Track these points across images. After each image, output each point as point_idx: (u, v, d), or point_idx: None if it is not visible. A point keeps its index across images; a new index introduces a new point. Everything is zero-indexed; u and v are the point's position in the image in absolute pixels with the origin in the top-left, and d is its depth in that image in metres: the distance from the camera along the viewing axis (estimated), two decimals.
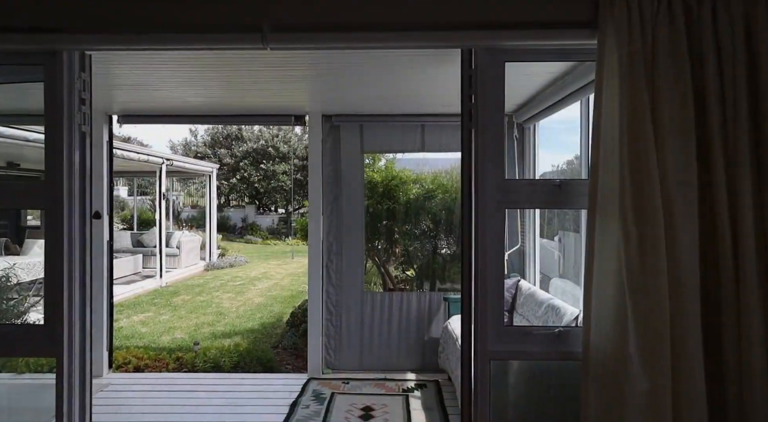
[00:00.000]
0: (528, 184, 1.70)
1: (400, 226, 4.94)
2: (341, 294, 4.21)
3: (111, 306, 4.21)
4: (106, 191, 4.13)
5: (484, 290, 1.76)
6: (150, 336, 5.63)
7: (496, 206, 1.77)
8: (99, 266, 4.10)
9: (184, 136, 24.94)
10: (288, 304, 7.30)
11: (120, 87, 3.30)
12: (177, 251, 10.77)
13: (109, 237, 4.18)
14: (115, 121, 4.19)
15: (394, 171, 4.78)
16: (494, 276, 1.76)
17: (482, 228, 1.76)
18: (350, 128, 4.21)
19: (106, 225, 4.15)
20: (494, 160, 1.77)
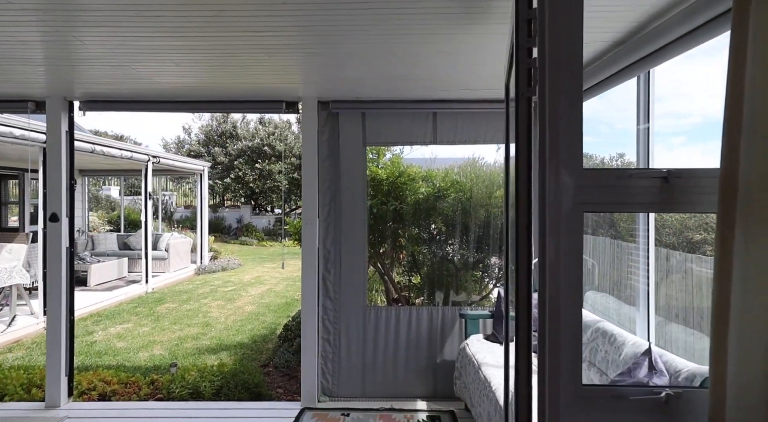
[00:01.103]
0: (617, 175, 1.02)
1: (407, 229, 4.36)
2: (340, 309, 3.63)
3: (71, 322, 3.61)
4: (65, 190, 3.53)
5: (555, 333, 1.18)
6: (126, 352, 5.03)
7: (572, 208, 1.19)
8: (56, 276, 3.51)
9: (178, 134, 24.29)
10: (282, 313, 6.72)
11: (82, 63, 2.70)
12: (165, 254, 10.16)
13: (68, 243, 3.58)
14: (77, 109, 3.60)
15: (402, 166, 4.19)
16: (570, 312, 1.18)
17: (550, 241, 1.18)
18: (350, 116, 3.63)
19: (65, 229, 3.55)
20: (569, 141, 1.19)
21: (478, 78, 2.99)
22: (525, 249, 1.29)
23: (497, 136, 3.65)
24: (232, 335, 5.63)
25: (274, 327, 5.98)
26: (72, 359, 3.63)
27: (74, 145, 3.63)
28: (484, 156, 4.44)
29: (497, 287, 4.28)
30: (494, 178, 4.09)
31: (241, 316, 6.58)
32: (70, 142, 3.58)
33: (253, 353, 4.99)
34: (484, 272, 4.36)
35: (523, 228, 1.30)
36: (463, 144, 3.69)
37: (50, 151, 3.50)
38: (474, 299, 4.48)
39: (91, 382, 3.92)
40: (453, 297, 4.15)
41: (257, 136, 19.83)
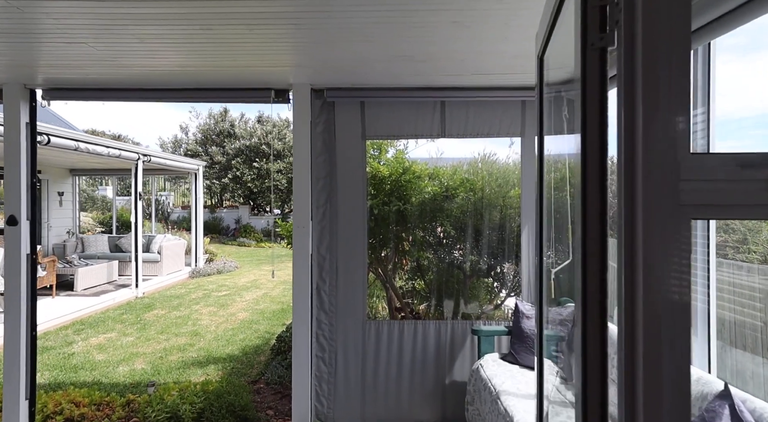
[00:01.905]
0: (741, 162, 0.51)
1: (411, 232, 3.94)
2: (337, 324, 3.22)
3: (32, 338, 3.20)
4: (25, 189, 3.12)
5: (653, 383, 0.77)
6: (104, 366, 4.62)
7: (673, 213, 0.77)
8: (15, 287, 3.10)
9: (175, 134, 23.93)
10: (277, 321, 6.31)
11: (30, 38, 2.30)
12: (158, 257, 9.77)
13: (29, 250, 3.17)
14: (40, 97, 3.19)
15: (406, 162, 3.78)
16: (674, 366, 0.76)
17: (644, 255, 0.77)
18: (348, 106, 3.22)
19: (26, 234, 3.14)
20: (671, 110, 0.77)
21: (496, 59, 2.57)
22: (596, 274, 0.88)
23: (513, 127, 3.24)
24: (221, 346, 5.22)
25: (267, 337, 5.56)
26: (34, 380, 3.22)
27: (36, 138, 3.22)
28: (496, 152, 4.03)
29: (511, 297, 3.86)
30: (508, 175, 3.67)
31: (233, 324, 6.16)
32: (31, 136, 3.17)
33: (244, 367, 4.58)
34: (496, 280, 3.94)
35: (595, 242, 0.88)
36: (474, 137, 3.28)
37: (8, 146, 3.09)
38: (486, 309, 4.07)
39: (58, 404, 3.51)
40: (463, 309, 3.72)
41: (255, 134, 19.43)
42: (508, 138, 3.89)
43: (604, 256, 0.87)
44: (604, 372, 0.85)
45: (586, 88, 0.88)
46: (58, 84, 3.11)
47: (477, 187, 3.67)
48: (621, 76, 0.80)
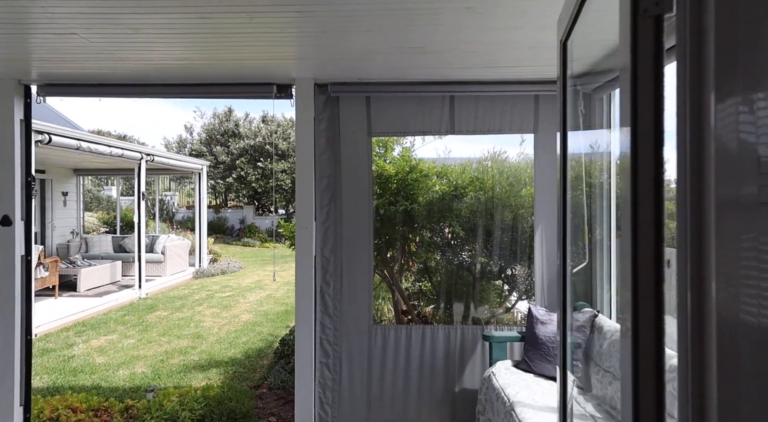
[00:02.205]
0: None
1: (418, 233, 3.81)
2: (341, 328, 3.09)
3: (27, 343, 3.09)
4: (19, 188, 3.02)
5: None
6: (104, 369, 4.53)
7: (752, 214, 0.63)
8: (8, 290, 3.00)
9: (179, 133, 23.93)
10: (280, 323, 6.19)
11: (18, 29, 2.19)
12: (161, 257, 9.69)
13: (24, 251, 3.06)
14: (34, 93, 3.09)
15: (413, 160, 3.64)
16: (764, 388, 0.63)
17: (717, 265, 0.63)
18: (353, 101, 3.09)
19: (20, 235, 3.04)
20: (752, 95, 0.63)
21: (508, 50, 2.43)
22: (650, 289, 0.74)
23: (525, 123, 3.10)
24: (224, 349, 5.11)
25: (270, 339, 5.45)
26: (29, 386, 3.12)
27: (31, 135, 3.11)
28: (506, 150, 3.88)
29: (523, 301, 3.71)
30: (520, 174, 3.53)
31: (236, 326, 6.06)
32: (26, 133, 3.07)
33: (246, 371, 4.47)
34: (507, 283, 3.80)
35: (647, 250, 0.74)
36: (484, 133, 3.14)
37: (1, 143, 2.99)
38: (496, 313, 3.92)
39: (55, 410, 3.41)
40: (473, 313, 3.58)
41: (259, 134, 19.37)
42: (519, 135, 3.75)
43: (659, 268, 0.73)
44: (661, 407, 0.71)
45: (637, 66, 0.74)
46: (53, 79, 3.00)
47: (487, 186, 3.53)
48: (684, 50, 0.66)
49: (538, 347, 2.61)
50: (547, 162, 3.07)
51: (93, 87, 3.05)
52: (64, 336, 5.65)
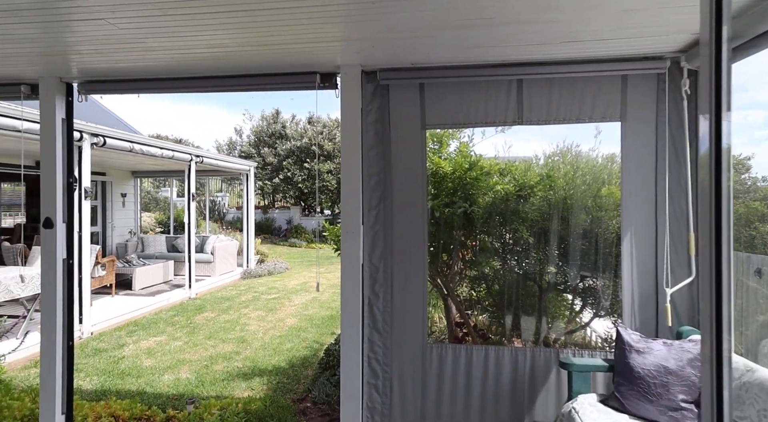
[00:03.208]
0: None
1: (477, 237, 3.39)
2: (392, 346, 2.74)
3: (69, 349, 2.99)
4: (60, 190, 2.92)
5: None
6: (151, 372, 4.46)
7: None
8: (50, 294, 2.91)
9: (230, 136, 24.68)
10: (326, 328, 5.96)
11: (63, 23, 2.04)
12: (211, 257, 9.82)
13: (66, 254, 2.96)
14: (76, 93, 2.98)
15: (472, 156, 3.23)
16: None
17: None
18: (405, 89, 2.73)
19: (62, 238, 2.94)
20: None
21: (598, 16, 1.98)
22: None
23: (609, 110, 2.60)
24: (268, 356, 4.93)
25: (315, 347, 5.21)
26: (71, 393, 3.02)
27: (73, 135, 3.01)
28: (579, 144, 3.38)
29: (600, 318, 3.19)
30: (599, 170, 3.02)
31: (281, 331, 5.88)
32: (68, 133, 2.97)
33: (290, 382, 4.23)
34: (580, 296, 3.29)
35: None
36: (558, 123, 2.67)
37: (44, 144, 2.90)
38: (564, 330, 3.43)
39: (98, 418, 3.32)
40: (542, 330, 3.12)
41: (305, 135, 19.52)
42: (594, 126, 3.25)
43: None
44: None
45: None
46: (91, 75, 2.88)
47: (558, 185, 3.06)
48: None
49: (633, 381, 2.12)
50: (637, 155, 2.56)
51: (129, 82, 2.90)
52: (116, 336, 5.71)
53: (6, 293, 5.16)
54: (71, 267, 3.02)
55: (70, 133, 3.00)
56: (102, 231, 10.32)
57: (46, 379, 2.92)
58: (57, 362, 2.92)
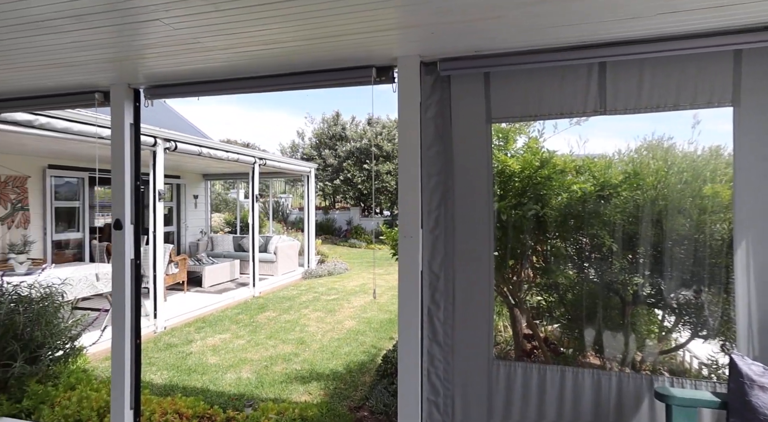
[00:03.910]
0: None
1: (549, 243, 3.06)
2: (454, 361, 2.51)
3: (137, 347, 3.08)
4: (129, 193, 3.02)
5: None
6: (215, 370, 4.57)
7: None
8: (120, 293, 3.02)
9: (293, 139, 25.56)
10: (384, 333, 5.82)
11: (119, 26, 2.07)
12: (274, 257, 10.11)
13: (134, 255, 3.06)
14: (143, 98, 3.08)
15: (543, 153, 2.91)
16: None
17: None
18: (468, 80, 2.49)
19: (130, 239, 3.04)
20: None
21: None
22: None
23: (717, 93, 2.18)
24: (326, 359, 4.88)
25: (373, 352, 5.09)
26: (138, 390, 3.11)
27: (140, 139, 3.11)
28: (673, 136, 2.92)
29: (700, 339, 2.72)
30: (701, 167, 2.58)
31: (339, 334, 5.84)
32: (135, 137, 3.07)
33: (347, 388, 4.13)
34: (678, 313, 2.85)
35: None
36: (651, 110, 2.29)
37: (115, 149, 3.02)
38: (654, 350, 2.99)
39: (164, 413, 3.41)
40: (632, 351, 2.73)
41: (365, 136, 19.66)
42: (692, 113, 2.80)
43: None
44: None
45: None
46: (156, 80, 2.94)
47: (648, 183, 2.65)
48: None
49: None
50: (755, 147, 2.12)
51: (190, 85, 2.92)
52: (186, 332, 5.98)
53: (91, 288, 5.58)
54: (139, 267, 3.12)
55: (138, 138, 3.10)
56: (176, 231, 11.01)
57: (116, 375, 3.03)
58: (126, 359, 3.02)
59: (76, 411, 3.42)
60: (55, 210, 7.91)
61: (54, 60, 2.54)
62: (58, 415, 3.38)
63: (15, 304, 3.85)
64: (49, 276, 4.82)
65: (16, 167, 7.24)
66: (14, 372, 3.64)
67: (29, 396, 3.61)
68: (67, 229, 8.25)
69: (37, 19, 1.99)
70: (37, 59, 2.52)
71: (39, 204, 7.61)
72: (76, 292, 5.17)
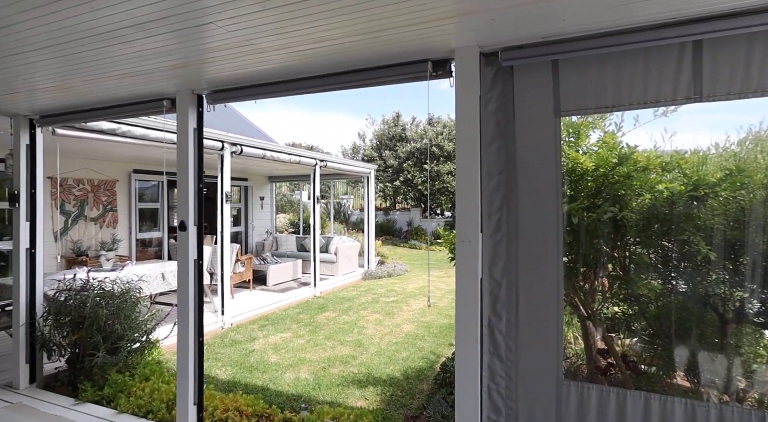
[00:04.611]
0: None
1: (628, 249, 2.72)
2: (518, 378, 2.29)
3: (200, 345, 3.19)
4: (192, 195, 3.13)
5: None
6: (275, 369, 4.66)
7: None
8: (184, 293, 3.13)
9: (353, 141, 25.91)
10: (443, 339, 5.63)
11: (177, 32, 2.13)
12: (334, 257, 10.26)
13: (197, 255, 3.17)
14: (206, 104, 3.17)
15: (622, 149, 2.59)
16: None
17: None
18: (534, 70, 2.26)
19: (194, 240, 3.15)
20: None
21: None
22: None
23: None
24: (383, 364, 4.79)
25: (432, 359, 4.92)
26: (201, 386, 3.21)
27: (203, 144, 3.21)
28: None
29: None
30: None
31: (397, 337, 5.73)
32: (198, 141, 3.18)
33: (404, 395, 4.00)
34: None
35: None
36: (760, 95, 1.92)
37: (179, 153, 3.14)
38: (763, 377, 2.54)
39: (226, 410, 3.50)
40: (734, 379, 2.33)
41: (425, 136, 19.45)
42: None
43: None
44: None
45: None
46: (216, 85, 3.02)
47: (756, 181, 2.24)
48: None
49: None
50: None
51: (247, 88, 2.96)
52: (250, 329, 6.20)
53: (167, 284, 5.96)
54: (201, 267, 3.22)
55: (201, 142, 3.21)
56: (244, 231, 11.56)
57: (181, 371, 3.15)
58: (189, 357, 3.13)
59: (148, 401, 3.61)
60: (139, 211, 8.60)
61: (123, 70, 2.68)
62: (133, 405, 3.59)
63: (99, 298, 4.17)
64: (129, 273, 5.20)
65: (107, 172, 7.97)
66: (97, 361, 3.94)
67: (110, 385, 3.89)
68: (149, 229, 8.95)
69: (104, 30, 2.08)
70: (108, 70, 2.68)
71: (125, 205, 8.32)
72: (152, 288, 5.54)
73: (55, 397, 3.88)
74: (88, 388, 3.85)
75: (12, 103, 3.62)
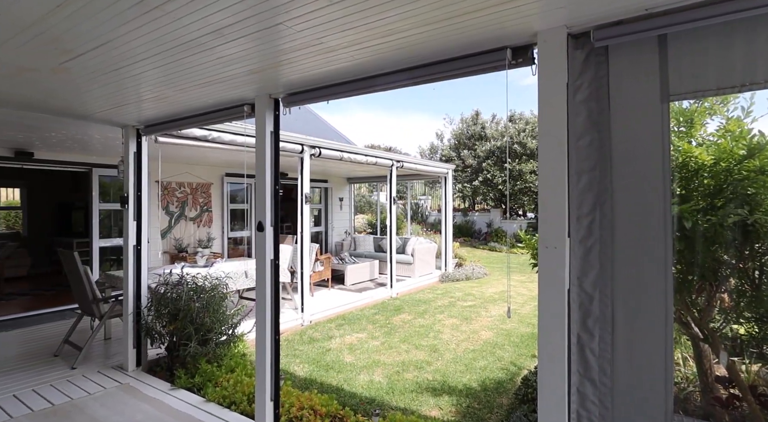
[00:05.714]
0: None
1: (759, 259, 2.24)
2: (614, 406, 1.98)
3: (276, 342, 3.26)
4: (269, 196, 3.21)
5: None
6: (350, 369, 4.68)
7: None
8: (261, 292, 3.23)
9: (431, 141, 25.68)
10: (525, 349, 5.25)
11: (249, 37, 2.19)
12: (411, 258, 10.18)
13: (273, 255, 3.25)
14: (282, 107, 3.25)
15: (753, 139, 2.14)
16: None
17: None
18: (635, 49, 1.94)
19: (270, 240, 3.23)
20: None
21: None
22: None
23: None
24: (459, 372, 4.58)
25: (512, 370, 4.60)
26: (277, 383, 3.29)
27: (279, 146, 3.29)
28: None
29: None
30: None
31: (475, 345, 5.46)
32: (275, 144, 3.26)
33: (481, 408, 3.77)
34: None
35: None
36: None
37: (258, 156, 3.25)
38: None
39: (301, 408, 3.56)
40: None
41: (506, 133, 18.62)
42: None
43: None
44: None
45: None
46: (291, 88, 3.07)
47: None
48: None
49: None
50: None
51: (321, 89, 2.97)
52: (327, 328, 6.33)
53: (250, 281, 6.31)
54: (277, 267, 3.30)
55: (277, 145, 3.29)
56: (324, 231, 11.95)
57: (259, 367, 3.26)
58: (267, 354, 3.22)
59: (232, 393, 3.80)
60: (230, 211, 9.28)
61: (207, 77, 2.82)
62: (218, 395, 3.80)
63: (192, 292, 4.50)
64: (217, 270, 5.57)
65: (203, 176, 8.70)
66: (190, 351, 4.25)
67: (200, 374, 4.17)
68: (240, 228, 9.62)
69: (187, 39, 2.18)
70: (193, 79, 2.83)
71: (219, 206, 9.02)
72: (237, 285, 5.89)
73: (156, 381, 4.26)
74: (182, 375, 4.16)
75: (122, 115, 4.04)
